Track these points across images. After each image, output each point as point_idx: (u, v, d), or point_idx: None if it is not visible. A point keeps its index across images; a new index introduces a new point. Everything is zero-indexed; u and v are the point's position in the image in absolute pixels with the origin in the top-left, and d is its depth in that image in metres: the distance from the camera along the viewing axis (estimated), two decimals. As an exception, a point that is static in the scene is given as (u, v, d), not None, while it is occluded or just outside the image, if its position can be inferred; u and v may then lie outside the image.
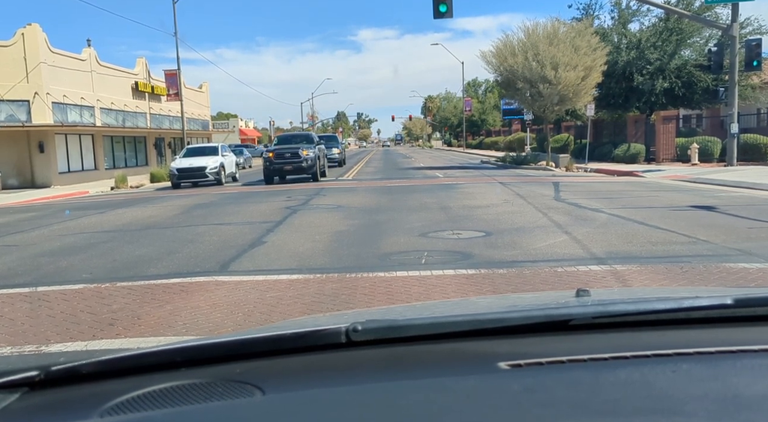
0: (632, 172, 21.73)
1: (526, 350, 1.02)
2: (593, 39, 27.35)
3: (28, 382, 1.01)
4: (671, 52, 28.84)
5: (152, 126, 37.69)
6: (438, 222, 10.05)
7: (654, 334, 1.11)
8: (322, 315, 3.02)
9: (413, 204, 12.88)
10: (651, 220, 9.33)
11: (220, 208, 13.78)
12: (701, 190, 14.43)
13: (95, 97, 30.65)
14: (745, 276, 5.75)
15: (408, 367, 1.01)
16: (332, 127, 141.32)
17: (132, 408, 0.90)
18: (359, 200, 14.25)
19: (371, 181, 21.29)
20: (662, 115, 27.89)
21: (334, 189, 18.25)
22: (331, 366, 1.03)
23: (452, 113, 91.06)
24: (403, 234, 8.79)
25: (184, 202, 16.03)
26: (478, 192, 15.35)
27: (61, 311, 5.33)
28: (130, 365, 1.05)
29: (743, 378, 0.90)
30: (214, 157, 23.65)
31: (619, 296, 1.67)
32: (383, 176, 24.38)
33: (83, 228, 11.23)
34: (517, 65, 27.78)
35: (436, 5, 19.05)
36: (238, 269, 6.86)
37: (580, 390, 0.87)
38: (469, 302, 2.26)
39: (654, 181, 18.07)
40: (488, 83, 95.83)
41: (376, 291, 5.61)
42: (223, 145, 27.46)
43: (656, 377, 0.89)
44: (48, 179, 26.37)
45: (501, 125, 69.83)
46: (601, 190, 15.37)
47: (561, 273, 6.08)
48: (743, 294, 1.22)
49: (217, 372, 1.01)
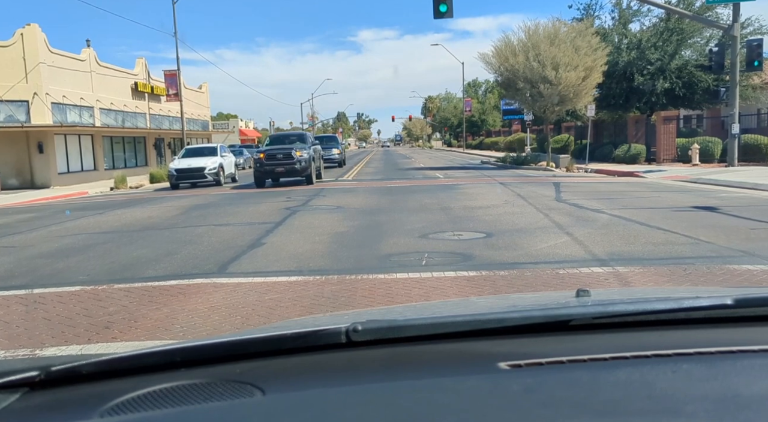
0: (633, 172, 21.67)
1: (526, 350, 1.02)
2: (594, 39, 27.30)
3: (29, 382, 1.01)
4: (672, 53, 28.78)
5: (152, 126, 37.65)
6: (438, 223, 9.98)
7: (654, 334, 1.11)
8: (323, 316, 3.02)
9: (413, 205, 12.82)
10: (652, 221, 9.27)
11: (219, 208, 13.73)
12: (703, 191, 14.36)
13: (95, 98, 30.61)
14: (749, 278, 5.69)
15: (408, 367, 1.01)
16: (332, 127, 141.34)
17: (132, 408, 0.90)
18: (359, 201, 14.19)
19: (371, 182, 21.23)
20: (663, 116, 27.82)
21: (334, 190, 18.20)
22: (331, 366, 1.03)
23: (452, 113, 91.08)
24: (404, 236, 8.72)
25: (184, 202, 15.98)
26: (478, 192, 15.29)
27: (57, 313, 5.26)
28: (130, 365, 1.05)
29: (743, 378, 0.90)
30: (212, 158, 23.38)
31: (619, 296, 1.66)
32: (383, 177, 24.32)
33: (81, 229, 11.16)
34: (517, 65, 27.73)
35: (436, 5, 18.99)
36: (237, 271, 6.79)
37: (580, 390, 0.87)
38: (469, 302, 2.25)
39: (655, 182, 18.00)
40: (488, 84, 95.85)
41: (375, 293, 5.55)
42: (222, 145, 26.96)
43: (656, 377, 0.89)
44: (47, 180, 26.32)
45: (501, 125, 69.80)
46: (602, 190, 15.30)
47: (563, 275, 6.02)
48: (743, 294, 1.22)
49: (218, 373, 1.01)
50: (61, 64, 27.60)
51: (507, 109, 63.23)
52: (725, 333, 1.12)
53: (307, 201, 14.61)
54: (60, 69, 27.44)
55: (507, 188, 16.35)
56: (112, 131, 31.93)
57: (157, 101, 38.78)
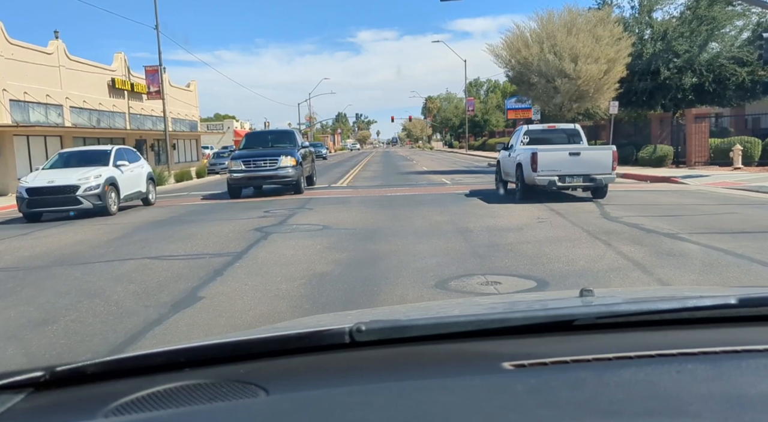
0: (669, 177, 18.82)
1: (530, 350, 1.01)
2: (616, 28, 24.48)
3: (33, 383, 1.00)
4: (701, 44, 25.97)
5: (132, 127, 34.73)
6: (459, 256, 7.14)
7: (658, 334, 1.09)
8: (326, 315, 2.69)
9: (421, 224, 9.96)
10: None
11: (174, 228, 10.85)
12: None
13: (64, 95, 27.72)
14: None
15: (412, 367, 1.00)
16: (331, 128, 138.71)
17: (137, 408, 0.90)
18: (352, 217, 11.32)
19: (369, 190, 18.30)
20: (694, 113, 24.97)
21: (324, 200, 15.27)
22: (334, 366, 1.03)
23: (453, 113, 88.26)
24: (412, 283, 5.86)
25: (138, 218, 13.10)
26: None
27: None
28: (134, 365, 1.05)
29: (748, 378, 0.89)
30: (96, 170, 13.81)
31: (623, 296, 1.62)
32: (382, 183, 21.36)
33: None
34: (531, 57, 24.90)
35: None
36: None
37: (584, 390, 0.86)
38: (473, 302, 2.23)
39: (705, 190, 15.13)
40: (490, 83, 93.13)
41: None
42: (127, 148, 17.42)
43: (660, 377, 0.89)
44: (5, 186, 23.36)
45: (504, 126, 67.15)
46: (652, 202, 12.45)
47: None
48: (747, 293, 1.22)
49: (222, 373, 1.00)
50: (22, 57, 24.71)
51: (511, 108, 60.61)
52: (729, 332, 1.10)
53: (287, 217, 11.72)
54: (21, 62, 24.54)
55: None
56: (84, 132, 28.97)
57: (138, 99, 35.89)
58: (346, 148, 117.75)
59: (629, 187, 17.13)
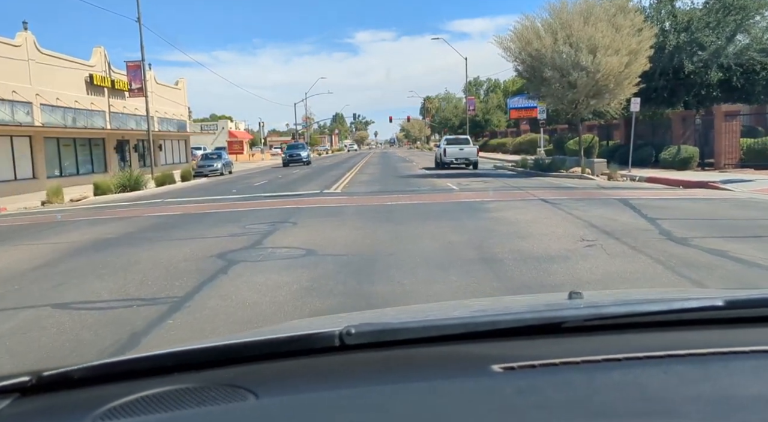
0: (705, 182, 16.61)
1: (519, 353, 1.00)
2: (638, 17, 22.27)
3: (20, 388, 0.99)
4: (729, 35, 23.81)
5: (113, 126, 32.45)
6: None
7: (646, 336, 1.08)
8: (316, 319, 2.54)
9: (432, 247, 7.73)
10: None
11: (120, 249, 8.59)
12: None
13: (33, 91, 25.43)
14: None
15: (402, 370, 0.99)
16: (329, 129, 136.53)
17: (124, 413, 0.89)
18: (344, 236, 9.08)
19: (365, 197, 16.04)
20: (724, 111, 22.78)
21: (313, 211, 13.01)
22: (324, 369, 1.02)
23: (453, 113, 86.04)
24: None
25: (94, 232, 10.86)
26: (524, 219, 10.17)
27: None
28: (122, 370, 1.04)
29: (735, 379, 0.89)
30: None
31: (612, 298, 1.61)
32: (381, 188, 19.10)
33: None
34: (544, 49, 22.64)
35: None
36: None
37: (573, 392, 0.86)
38: (463, 305, 2.21)
39: (760, 199, 12.91)
40: (491, 82, 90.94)
41: None
42: None
43: (649, 379, 0.88)
44: (-37, 191, 21.12)
45: (507, 125, 64.99)
46: (708, 214, 10.26)
47: None
48: (733, 295, 1.21)
49: (210, 377, 0.99)
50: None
51: (514, 108, 58.36)
52: (717, 334, 1.10)
53: (264, 235, 9.46)
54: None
55: (559, 210, 11.26)
56: (58, 131, 26.71)
57: (120, 97, 33.59)
58: (343, 149, 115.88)
59: (663, 193, 14.93)
